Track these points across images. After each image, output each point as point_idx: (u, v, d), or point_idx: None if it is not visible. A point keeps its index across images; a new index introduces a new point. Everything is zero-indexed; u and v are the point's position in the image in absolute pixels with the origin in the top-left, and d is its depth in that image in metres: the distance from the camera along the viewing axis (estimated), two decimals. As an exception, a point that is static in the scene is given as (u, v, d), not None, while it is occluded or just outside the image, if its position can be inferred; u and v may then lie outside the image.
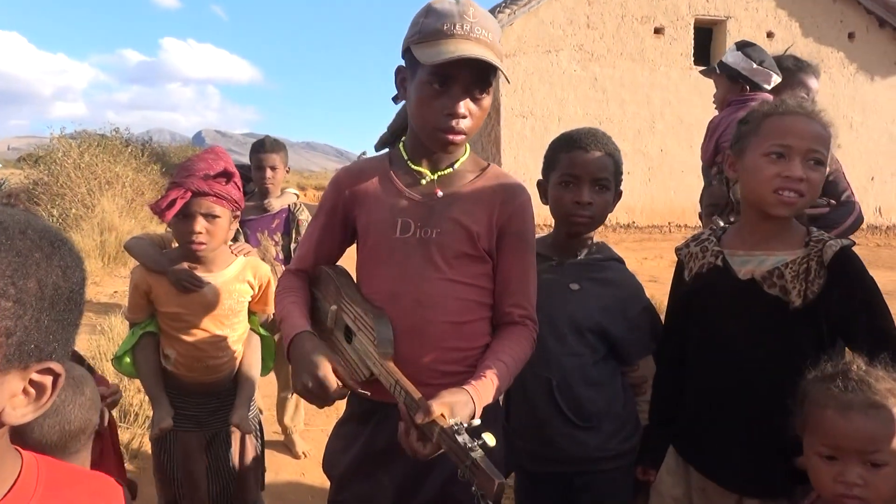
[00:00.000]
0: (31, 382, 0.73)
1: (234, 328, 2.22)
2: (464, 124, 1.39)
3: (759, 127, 1.49)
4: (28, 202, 10.62)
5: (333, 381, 1.31)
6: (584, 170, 1.70)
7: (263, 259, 3.40)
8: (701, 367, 1.60)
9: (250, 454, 2.30)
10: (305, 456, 3.54)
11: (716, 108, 3.06)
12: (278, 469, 3.46)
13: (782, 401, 1.35)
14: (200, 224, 2.04)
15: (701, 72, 3.34)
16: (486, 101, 1.42)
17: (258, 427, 2.39)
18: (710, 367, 1.57)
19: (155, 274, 2.14)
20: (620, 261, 1.85)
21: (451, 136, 1.40)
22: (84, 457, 1.43)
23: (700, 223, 2.35)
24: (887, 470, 1.21)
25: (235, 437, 2.26)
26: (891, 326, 1.43)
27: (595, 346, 1.72)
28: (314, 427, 3.86)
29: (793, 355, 1.39)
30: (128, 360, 2.23)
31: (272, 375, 3.62)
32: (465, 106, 1.38)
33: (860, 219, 2.56)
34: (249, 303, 2.29)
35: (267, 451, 3.59)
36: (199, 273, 2.13)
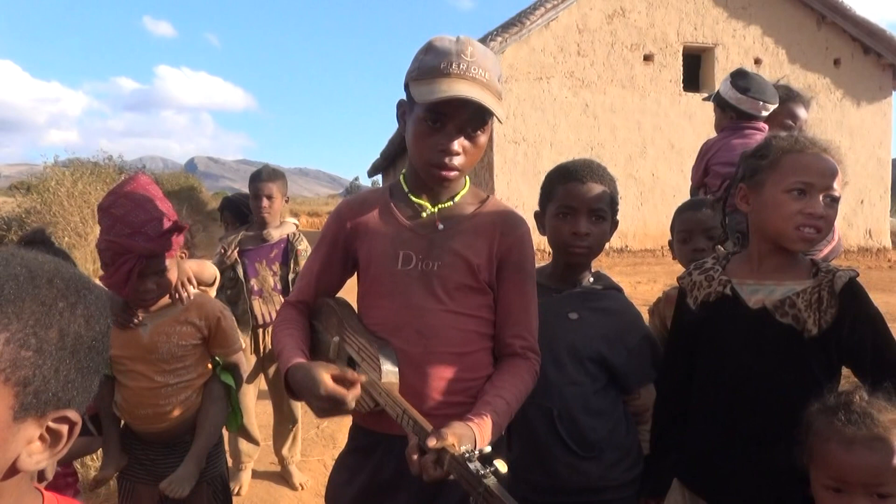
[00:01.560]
0: (48, 430, 0.73)
1: (178, 375, 2.02)
2: (457, 161, 1.40)
3: (778, 162, 1.51)
4: (19, 231, 10.58)
5: (339, 390, 1.28)
6: (580, 201, 1.72)
7: (262, 289, 3.41)
8: (711, 396, 1.60)
9: None
10: (303, 488, 3.50)
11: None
12: (276, 500, 3.42)
13: (795, 428, 1.35)
14: (152, 281, 1.91)
15: (704, 98, 3.43)
16: (482, 138, 1.43)
17: (224, 487, 2.19)
18: (721, 396, 1.57)
19: None
20: (619, 290, 1.85)
21: (444, 173, 1.41)
22: None
23: (670, 249, 2.36)
24: (894, 501, 1.21)
25: (198, 496, 2.06)
26: (893, 356, 1.45)
27: (595, 374, 1.72)
28: (311, 458, 3.83)
29: (806, 382, 1.41)
30: None
31: (268, 404, 3.61)
32: (459, 144, 1.39)
33: (838, 247, 2.59)
34: (207, 346, 2.11)
35: (264, 483, 3.59)
36: (134, 325, 1.98)
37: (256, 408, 3.63)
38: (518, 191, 12.44)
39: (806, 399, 1.35)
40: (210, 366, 2.16)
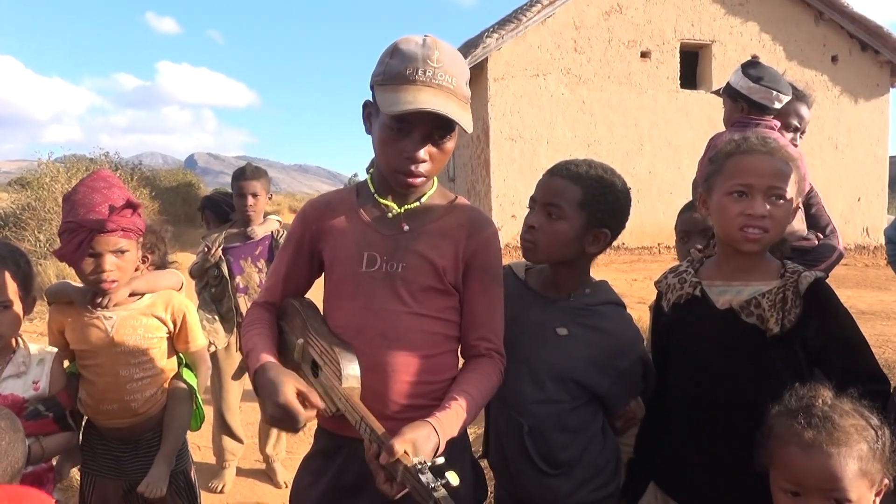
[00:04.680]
0: None
1: (143, 369, 2.05)
2: (423, 168, 1.39)
3: (722, 166, 1.54)
4: (14, 227, 10.57)
5: (296, 405, 1.27)
6: (539, 193, 1.62)
7: (247, 286, 3.40)
8: (680, 397, 1.61)
9: None
10: (287, 486, 3.49)
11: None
12: (260, 498, 3.43)
13: (759, 428, 1.35)
14: (110, 262, 1.91)
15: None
16: (449, 144, 1.41)
17: (187, 483, 2.22)
18: (689, 396, 1.58)
19: (65, 310, 2.04)
20: (619, 304, 1.69)
21: (409, 179, 1.40)
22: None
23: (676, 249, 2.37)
24: None
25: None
26: (863, 359, 1.45)
27: (576, 393, 1.61)
28: (296, 455, 3.81)
29: (771, 383, 1.40)
30: None
31: (254, 402, 3.60)
32: (425, 151, 1.37)
33: (842, 252, 2.65)
34: (173, 341, 2.14)
35: (249, 481, 3.60)
36: (103, 306, 2.02)
37: (241, 405, 3.62)
38: (514, 188, 12.43)
39: (771, 400, 1.35)
40: (175, 364, 2.19)
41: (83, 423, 2.14)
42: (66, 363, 2.07)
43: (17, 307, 1.81)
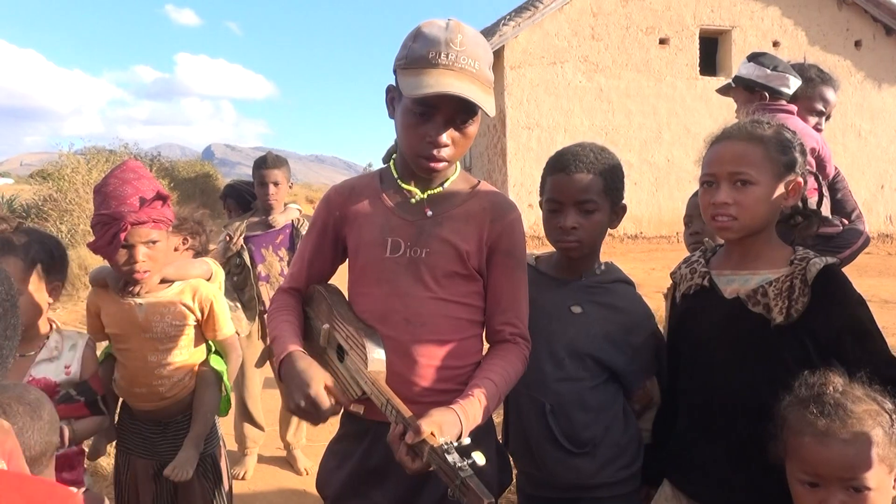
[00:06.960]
0: None
1: (171, 354, 2.09)
2: (445, 152, 1.39)
3: (703, 159, 1.57)
4: (37, 218, 10.72)
5: (325, 399, 1.30)
6: (565, 194, 1.63)
7: (269, 275, 3.43)
8: (689, 387, 1.59)
9: (197, 495, 2.17)
10: (307, 473, 3.52)
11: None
12: (280, 485, 3.46)
13: (768, 421, 1.33)
14: (142, 253, 1.94)
15: (718, 90, 3.31)
16: (471, 128, 1.41)
17: (214, 467, 2.24)
18: (697, 387, 1.56)
19: (101, 294, 2.09)
20: (629, 283, 1.75)
21: (432, 164, 1.40)
22: (48, 474, 1.42)
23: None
24: (870, 494, 1.18)
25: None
26: (878, 345, 1.40)
27: (595, 371, 1.64)
28: (317, 443, 3.84)
29: (778, 374, 1.37)
30: None
31: (274, 390, 3.63)
32: (448, 135, 1.38)
33: (868, 237, 2.65)
34: (201, 328, 2.17)
35: (270, 467, 3.63)
36: (134, 293, 2.06)
37: (262, 393, 3.65)
38: (531, 176, 12.36)
39: (778, 391, 1.32)
40: (203, 351, 2.22)
41: (119, 404, 2.20)
42: (104, 344, 2.11)
43: (36, 295, 1.82)
